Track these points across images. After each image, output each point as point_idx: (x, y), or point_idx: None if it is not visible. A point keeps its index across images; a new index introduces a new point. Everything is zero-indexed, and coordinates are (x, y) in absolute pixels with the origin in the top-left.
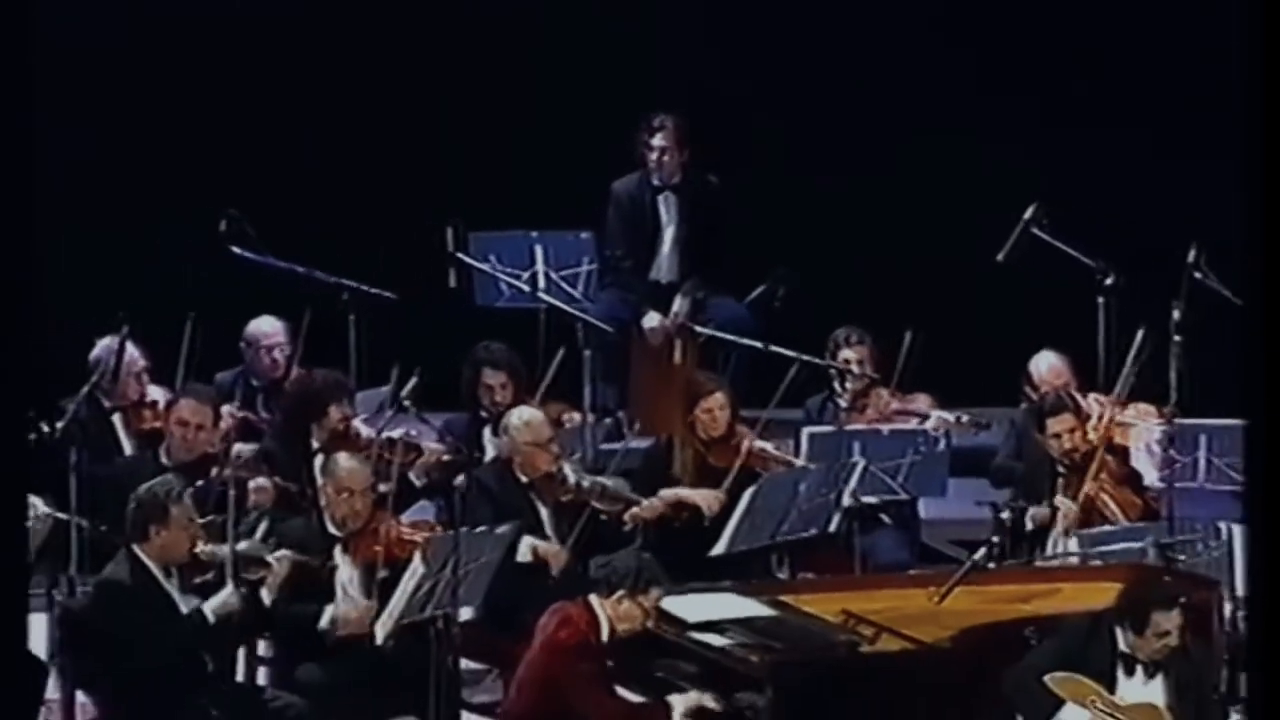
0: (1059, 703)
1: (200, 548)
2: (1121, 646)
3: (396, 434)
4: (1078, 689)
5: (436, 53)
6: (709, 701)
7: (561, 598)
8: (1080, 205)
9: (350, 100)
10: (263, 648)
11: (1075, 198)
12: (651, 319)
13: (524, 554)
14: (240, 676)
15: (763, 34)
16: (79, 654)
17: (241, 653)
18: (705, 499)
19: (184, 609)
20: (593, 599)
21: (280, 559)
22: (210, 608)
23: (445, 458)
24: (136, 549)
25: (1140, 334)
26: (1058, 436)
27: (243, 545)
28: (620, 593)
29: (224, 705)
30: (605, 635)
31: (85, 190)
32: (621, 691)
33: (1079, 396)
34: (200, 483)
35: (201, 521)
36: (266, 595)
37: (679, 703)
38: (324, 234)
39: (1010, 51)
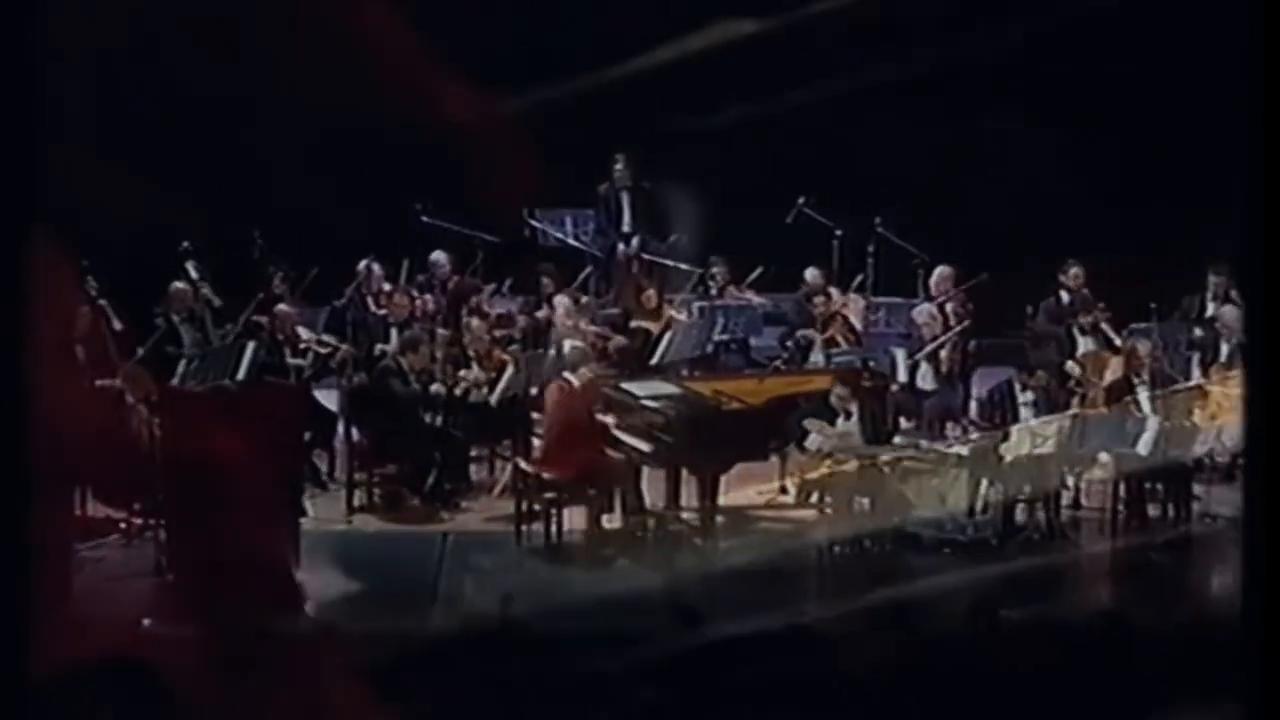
0: (808, 432)
1: (426, 365)
2: (836, 407)
3: (501, 310)
4: (818, 425)
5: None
6: (612, 420)
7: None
8: (838, 192)
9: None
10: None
11: (835, 188)
12: (619, 251)
13: (567, 350)
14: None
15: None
16: (356, 410)
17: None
18: (653, 326)
19: (415, 387)
20: (566, 374)
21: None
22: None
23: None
24: (399, 358)
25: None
26: (817, 305)
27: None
28: (580, 369)
29: (426, 441)
30: (579, 390)
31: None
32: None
33: (829, 288)
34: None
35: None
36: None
37: (609, 420)
38: (467, 210)
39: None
